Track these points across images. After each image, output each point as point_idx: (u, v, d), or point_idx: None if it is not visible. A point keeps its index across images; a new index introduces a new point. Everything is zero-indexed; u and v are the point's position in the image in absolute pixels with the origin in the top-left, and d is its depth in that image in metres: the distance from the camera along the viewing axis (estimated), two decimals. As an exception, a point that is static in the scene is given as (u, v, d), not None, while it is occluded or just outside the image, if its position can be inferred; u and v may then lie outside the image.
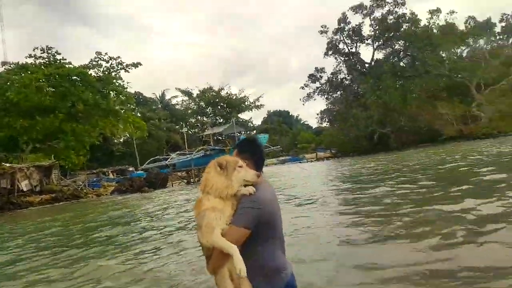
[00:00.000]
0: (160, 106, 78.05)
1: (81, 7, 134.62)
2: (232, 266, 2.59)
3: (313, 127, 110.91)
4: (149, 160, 37.72)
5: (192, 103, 79.11)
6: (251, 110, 78.39)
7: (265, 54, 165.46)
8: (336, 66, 54.74)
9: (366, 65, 54.03)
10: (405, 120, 46.71)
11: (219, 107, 78.22)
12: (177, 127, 75.21)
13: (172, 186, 34.97)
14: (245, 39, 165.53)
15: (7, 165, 31.45)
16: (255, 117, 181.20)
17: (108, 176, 50.42)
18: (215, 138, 44.05)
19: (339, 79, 55.50)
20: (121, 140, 66.77)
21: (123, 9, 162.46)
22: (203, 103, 77.66)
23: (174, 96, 79.44)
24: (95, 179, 45.75)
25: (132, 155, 58.81)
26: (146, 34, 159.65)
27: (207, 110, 78.45)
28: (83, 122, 32.56)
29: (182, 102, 79.30)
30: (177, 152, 39.34)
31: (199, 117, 78.83)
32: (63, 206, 26.85)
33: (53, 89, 29.79)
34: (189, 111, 78.07)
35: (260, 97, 76.10)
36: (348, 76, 54.71)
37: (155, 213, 13.99)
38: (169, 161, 35.87)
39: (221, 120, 74.84)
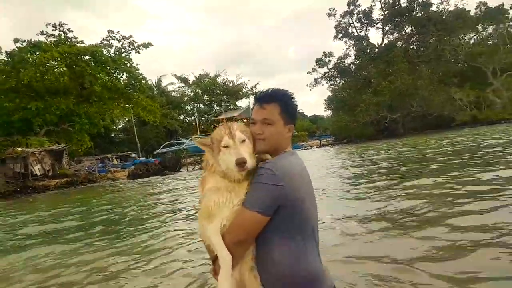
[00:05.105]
0: (156, 92, 76.35)
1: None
2: (241, 273, 1.81)
3: (308, 115, 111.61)
4: (163, 144, 37.05)
5: (189, 90, 77.91)
6: (248, 97, 77.88)
7: (259, 43, 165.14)
8: (346, 50, 54.15)
9: (376, 49, 53.21)
10: (416, 106, 46.13)
11: (215, 94, 77.23)
12: (174, 114, 73.93)
13: (187, 170, 34.26)
14: (241, 27, 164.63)
15: (19, 149, 30.13)
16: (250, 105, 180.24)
17: (112, 162, 49.58)
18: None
19: (347, 64, 54.92)
20: (120, 126, 65.31)
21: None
22: (199, 90, 76.49)
23: (171, 83, 77.95)
24: (100, 164, 44.68)
25: (132, 141, 57.76)
26: (141, 18, 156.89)
27: (204, 97, 77.34)
28: (95, 104, 31.30)
29: (179, 89, 77.93)
30: (191, 137, 38.62)
31: (196, 104, 77.67)
32: (86, 189, 25.59)
33: (68, 69, 28.33)
34: (185, 98, 76.80)
35: (257, 84, 75.95)
36: (356, 61, 53.98)
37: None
38: (185, 146, 35.14)
39: (218, 108, 74.15)
